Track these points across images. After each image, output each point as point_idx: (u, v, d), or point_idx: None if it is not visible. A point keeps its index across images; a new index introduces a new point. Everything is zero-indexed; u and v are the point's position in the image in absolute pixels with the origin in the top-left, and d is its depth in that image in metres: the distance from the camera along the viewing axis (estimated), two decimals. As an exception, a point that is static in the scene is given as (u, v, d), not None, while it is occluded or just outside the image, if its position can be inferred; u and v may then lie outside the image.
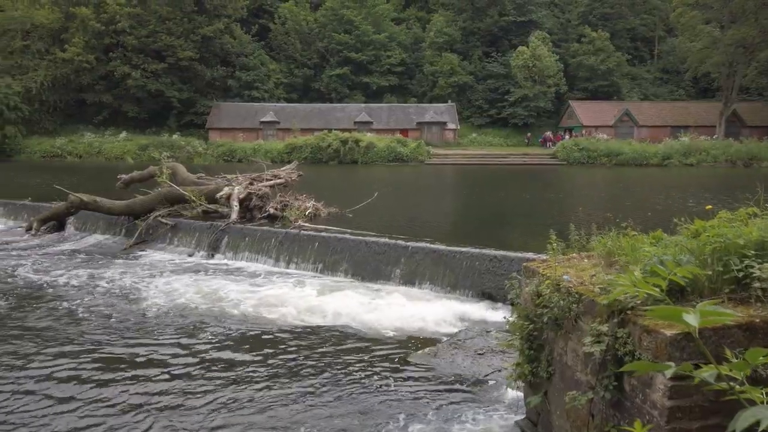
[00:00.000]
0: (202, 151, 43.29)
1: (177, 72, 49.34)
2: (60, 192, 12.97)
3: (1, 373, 5.33)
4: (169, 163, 13.81)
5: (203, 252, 10.82)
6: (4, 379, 5.21)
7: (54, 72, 47.03)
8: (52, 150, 44.34)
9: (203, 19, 50.02)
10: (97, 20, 46.72)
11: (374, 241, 9.14)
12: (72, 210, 12.64)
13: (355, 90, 54.96)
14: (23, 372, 5.37)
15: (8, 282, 8.79)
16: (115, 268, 9.77)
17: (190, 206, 12.16)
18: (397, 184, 24.89)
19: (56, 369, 5.43)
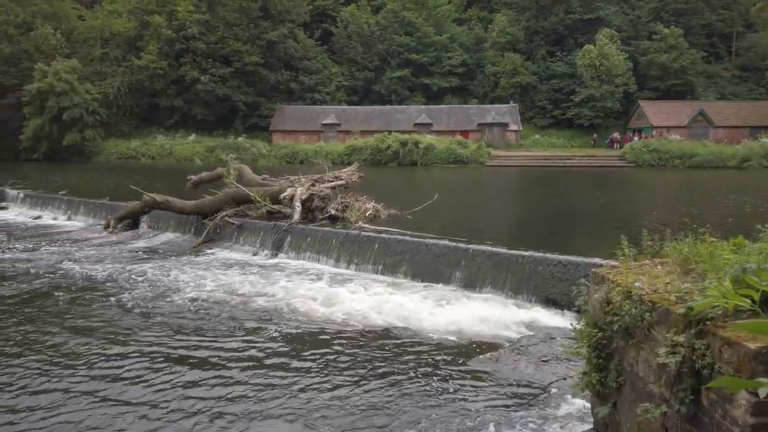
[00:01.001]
0: (266, 152, 44.50)
1: (243, 76, 50.94)
2: (135, 192, 13.65)
3: (75, 363, 5.66)
4: (236, 164, 14.25)
5: (267, 251, 11.09)
6: (75, 370, 5.53)
7: (130, 78, 49.58)
8: (127, 152, 46.78)
9: (268, 25, 51.41)
10: (169, 28, 48.91)
11: (434, 243, 9.10)
12: (146, 209, 13.27)
13: (416, 92, 54.97)
14: (88, 366, 5.68)
15: (85, 276, 9.32)
16: (184, 265, 10.18)
17: (255, 206, 12.51)
18: (456, 186, 24.69)
19: (124, 364, 5.71)
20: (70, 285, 8.77)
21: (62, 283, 8.91)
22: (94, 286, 8.73)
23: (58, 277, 9.24)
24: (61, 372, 5.39)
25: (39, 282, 8.94)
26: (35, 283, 8.85)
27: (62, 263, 10.23)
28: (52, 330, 6.64)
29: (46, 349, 6.02)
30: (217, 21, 50.08)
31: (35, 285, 8.76)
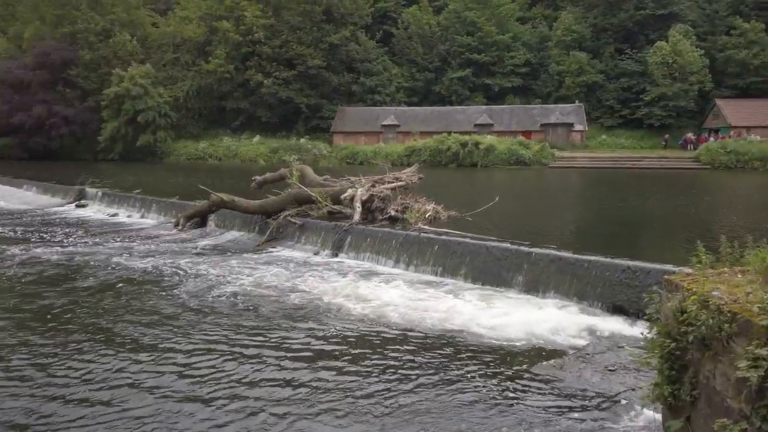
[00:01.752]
0: (327, 153, 45.23)
1: (306, 79, 51.98)
2: (203, 191, 14.17)
3: (141, 356, 5.92)
4: (298, 165, 14.55)
5: (328, 251, 11.25)
6: (141, 363, 5.79)
7: (199, 82, 51.60)
8: (195, 153, 48.73)
9: (331, 28, 52.23)
10: (236, 32, 50.55)
11: (495, 246, 8.95)
12: (213, 208, 13.76)
13: (476, 92, 54.39)
14: (154, 358, 5.93)
15: (154, 271, 9.76)
16: (247, 263, 10.48)
17: (316, 207, 12.71)
18: (518, 188, 24.23)
19: (187, 357, 5.92)
20: (140, 279, 9.21)
21: (132, 277, 9.37)
22: (161, 280, 9.12)
23: (128, 272, 9.71)
24: (128, 364, 5.65)
25: (111, 276, 9.43)
26: (107, 277, 9.34)
27: (133, 259, 10.75)
28: (121, 322, 6.99)
29: (115, 339, 6.34)
30: (282, 25, 51.33)
31: (107, 278, 9.25)
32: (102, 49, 51.59)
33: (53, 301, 7.92)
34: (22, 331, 6.65)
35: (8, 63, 51.45)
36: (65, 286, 8.83)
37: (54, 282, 9.08)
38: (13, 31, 56.59)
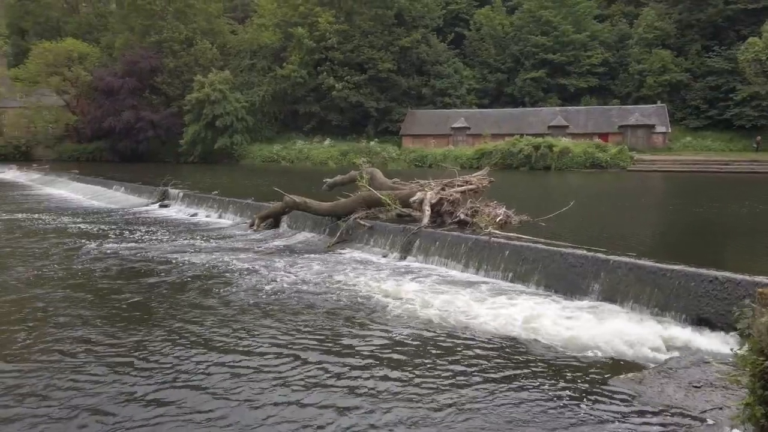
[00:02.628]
0: (396, 156, 45.45)
1: (376, 82, 52.47)
2: (277, 193, 14.57)
3: (211, 353, 6.12)
4: (368, 168, 14.67)
5: (396, 253, 11.26)
6: (211, 361, 5.98)
7: (274, 87, 53.25)
8: (269, 155, 50.33)
9: (402, 31, 52.48)
10: (310, 38, 51.81)
11: (570, 253, 8.64)
12: (286, 210, 14.13)
13: (550, 93, 52.97)
14: (223, 355, 6.11)
15: (228, 269, 10.11)
16: (317, 263, 10.66)
17: (385, 209, 12.77)
18: (595, 192, 23.35)
19: (254, 355, 6.07)
20: (212, 277, 9.57)
21: (205, 274, 9.75)
22: (232, 279, 9.44)
23: (202, 269, 10.12)
24: (194, 362, 5.84)
25: (185, 273, 9.86)
26: (182, 274, 9.78)
27: (208, 257, 11.19)
28: (190, 318, 7.28)
29: (183, 334, 6.61)
30: (354, 30, 52.10)
31: (182, 275, 9.68)
32: (185, 56, 54.30)
33: (128, 295, 8.39)
34: (96, 323, 7.08)
35: (100, 71, 55.13)
36: (141, 281, 9.33)
37: (131, 277, 9.63)
38: (105, 41, 60.63)
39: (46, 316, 7.44)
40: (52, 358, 5.92)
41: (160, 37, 54.51)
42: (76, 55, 55.76)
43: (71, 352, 6.10)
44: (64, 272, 10.04)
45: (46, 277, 9.64)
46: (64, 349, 6.16)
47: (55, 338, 6.56)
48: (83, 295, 8.52)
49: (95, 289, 8.87)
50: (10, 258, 11.40)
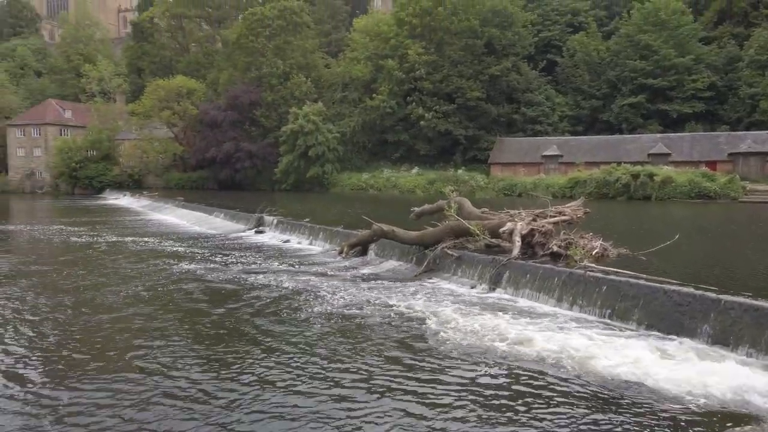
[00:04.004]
0: (484, 185, 44.88)
1: (465, 111, 52.42)
2: (365, 221, 14.77)
3: (295, 379, 6.17)
4: (456, 198, 14.55)
5: (485, 285, 10.99)
6: (295, 386, 6.02)
7: (364, 117, 54.62)
8: (358, 184, 51.42)
9: (492, 60, 52.28)
10: (400, 70, 52.86)
11: (675, 290, 8.01)
12: (374, 238, 14.26)
13: (650, 119, 50.43)
14: (310, 382, 6.13)
15: (316, 295, 10.28)
16: (404, 292, 10.61)
17: (474, 239, 12.55)
18: (702, 225, 21.72)
19: (342, 384, 6.05)
20: (302, 302, 9.78)
21: (293, 298, 10.00)
22: (320, 304, 9.59)
23: (290, 294, 10.37)
24: (276, 388, 5.93)
25: (277, 297, 10.15)
26: (274, 298, 10.07)
27: (297, 282, 11.48)
28: (274, 340, 7.45)
29: (267, 356, 6.73)
30: (443, 60, 52.56)
31: (273, 300, 9.97)
32: (282, 90, 57.15)
33: (220, 316, 8.74)
34: (187, 341, 7.38)
35: (206, 105, 59.18)
36: (232, 303, 9.73)
37: (223, 299, 10.06)
38: (211, 78, 65.18)
39: (141, 333, 7.91)
40: (147, 371, 6.24)
41: (260, 72, 57.82)
42: (185, 90, 60.33)
43: (165, 366, 6.40)
44: (161, 293, 10.69)
45: (144, 297, 10.30)
46: (158, 364, 6.48)
47: (149, 353, 6.94)
48: (178, 314, 9.01)
49: (189, 310, 9.34)
50: (112, 278, 12.31)
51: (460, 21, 51.83)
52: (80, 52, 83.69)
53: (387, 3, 76.35)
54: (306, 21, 60.45)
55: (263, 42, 58.01)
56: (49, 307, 9.62)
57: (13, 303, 9.95)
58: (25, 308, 9.57)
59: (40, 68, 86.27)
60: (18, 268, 13.77)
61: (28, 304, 9.89)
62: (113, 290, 10.88)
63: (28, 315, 9.11)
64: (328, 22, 67.41)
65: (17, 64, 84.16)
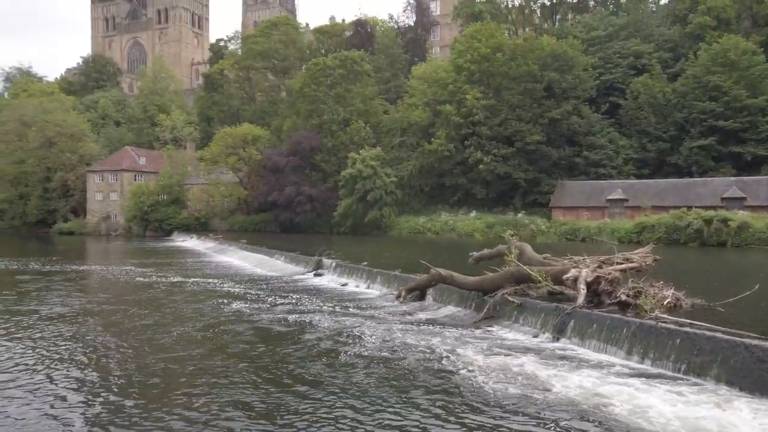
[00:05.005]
0: (545, 229, 43.83)
1: (524, 155, 51.90)
2: (423, 265, 14.62)
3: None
4: (517, 243, 14.23)
5: (548, 334, 10.56)
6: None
7: (422, 161, 55.03)
8: (416, 227, 51.38)
9: (551, 103, 51.86)
10: (457, 115, 53.25)
11: (758, 345, 7.41)
12: (432, 282, 14.07)
13: (722, 162, 48.21)
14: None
15: (373, 340, 10.13)
16: (463, 340, 10.31)
17: (535, 286, 12.16)
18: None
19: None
20: (358, 346, 9.66)
21: (352, 343, 9.89)
22: (377, 351, 9.43)
23: (349, 339, 10.28)
24: None
25: (333, 341, 10.11)
26: (329, 342, 10.04)
27: (356, 326, 11.39)
28: (334, 385, 7.33)
29: (324, 403, 6.59)
30: (502, 105, 52.60)
31: (328, 344, 9.93)
32: (341, 136, 58.66)
33: (276, 357, 8.76)
34: (237, 383, 7.37)
35: (269, 151, 61.41)
36: (288, 345, 9.80)
37: (278, 340, 10.17)
38: (275, 125, 67.82)
39: (194, 375, 7.99)
40: (205, 410, 6.25)
41: (321, 119, 59.69)
42: (250, 137, 62.94)
43: (213, 410, 6.40)
44: (216, 333, 10.91)
45: (197, 338, 10.52)
46: (216, 402, 6.49)
47: (206, 392, 6.98)
48: (231, 356, 9.11)
49: (241, 351, 9.43)
50: (170, 318, 12.66)
51: (518, 66, 51.98)
52: (156, 102, 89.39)
53: (445, 51, 77.80)
54: (366, 69, 62.30)
55: (325, 90, 60.07)
56: (109, 346, 9.99)
57: (78, 341, 10.42)
58: (88, 346, 9.98)
59: (119, 118, 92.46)
60: (87, 307, 14.43)
61: (92, 342, 10.31)
62: (170, 330, 11.18)
63: (91, 353, 9.48)
64: (387, 69, 69.19)
65: (99, 114, 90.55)
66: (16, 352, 9.57)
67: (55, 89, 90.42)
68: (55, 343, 10.17)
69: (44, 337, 10.74)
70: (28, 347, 9.87)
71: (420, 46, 75.79)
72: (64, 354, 9.40)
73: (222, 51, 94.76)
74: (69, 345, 10.06)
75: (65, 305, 14.58)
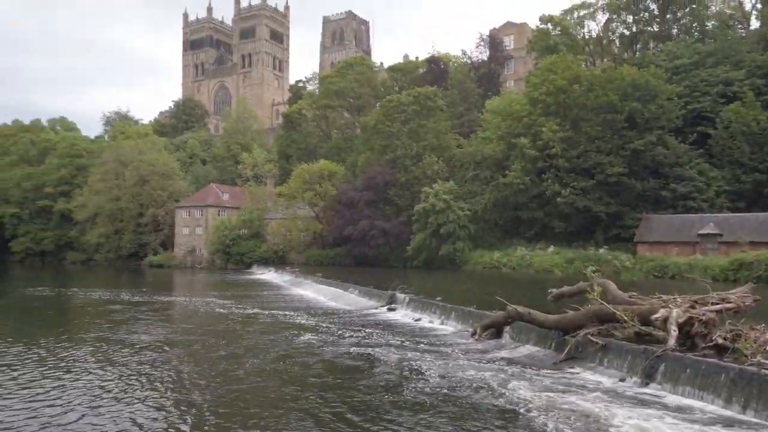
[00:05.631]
0: (630, 265, 41.64)
1: (605, 187, 49.94)
2: (499, 302, 14.15)
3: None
4: (600, 280, 13.51)
5: (636, 378, 9.84)
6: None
7: (496, 195, 54.18)
8: (491, 262, 50.28)
9: (634, 134, 49.89)
10: (533, 147, 52.27)
11: None
12: (509, 320, 13.56)
13: (828, 194, 44.25)
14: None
15: (445, 379, 9.80)
16: (545, 382, 9.79)
17: (620, 326, 11.43)
18: None
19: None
20: (433, 386, 9.36)
21: (427, 382, 9.60)
22: (452, 390, 9.10)
23: (423, 377, 10.00)
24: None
25: (405, 379, 9.86)
26: (402, 380, 9.80)
27: (431, 364, 11.09)
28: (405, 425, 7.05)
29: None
30: (580, 136, 51.18)
31: (401, 381, 9.69)
32: (414, 170, 59.01)
33: (347, 392, 8.61)
34: (305, 416, 7.27)
35: (344, 186, 62.71)
36: (359, 379, 9.70)
37: (347, 374, 10.10)
38: (350, 160, 69.37)
39: (268, 405, 8.00)
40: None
41: (395, 154, 60.43)
42: (326, 173, 64.68)
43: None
44: (287, 365, 11.02)
45: (269, 370, 10.64)
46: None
47: (273, 425, 6.95)
48: (301, 388, 9.15)
49: (311, 384, 9.44)
50: (245, 349, 12.91)
51: (597, 97, 50.59)
52: (239, 141, 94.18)
53: (519, 84, 77.18)
54: (439, 105, 62.78)
55: (398, 126, 60.96)
56: (187, 376, 10.32)
57: (159, 370, 10.86)
58: (167, 376, 10.36)
59: (205, 157, 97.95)
60: (169, 337, 15.03)
61: (171, 372, 10.71)
62: (244, 362, 11.43)
63: (169, 383, 9.82)
64: (460, 104, 69.38)
65: (187, 153, 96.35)
66: (103, 378, 10.05)
67: (149, 131, 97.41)
68: (137, 371, 10.61)
69: (128, 364, 11.24)
70: (113, 374, 10.36)
71: (493, 80, 75.65)
72: (145, 382, 9.76)
73: (300, 91, 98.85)
74: (150, 374, 10.46)
75: (150, 334, 15.25)
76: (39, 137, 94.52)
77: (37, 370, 10.72)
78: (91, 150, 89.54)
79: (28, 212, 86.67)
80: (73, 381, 9.82)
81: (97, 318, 19.34)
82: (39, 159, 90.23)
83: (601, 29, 68.48)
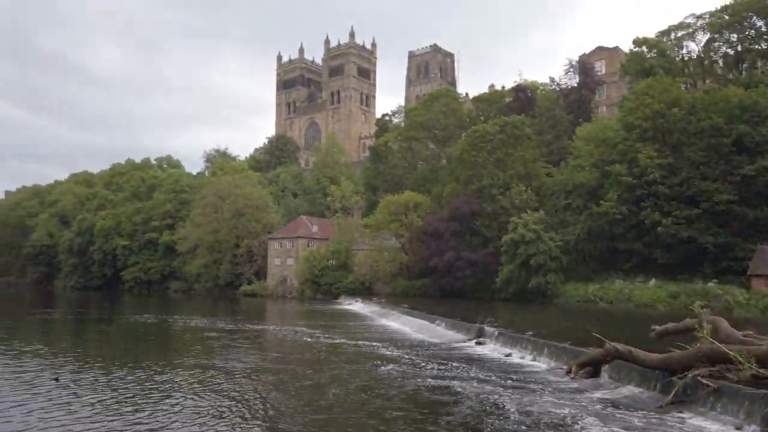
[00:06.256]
0: (743, 301, 38.07)
1: (711, 216, 46.36)
2: (595, 338, 13.28)
3: None
4: (710, 317, 12.35)
5: (755, 426, 8.80)
6: None
7: (590, 224, 51.78)
8: (585, 295, 47.81)
9: (743, 159, 46.23)
10: (629, 175, 49.71)
11: None
12: (607, 358, 12.63)
13: None
14: None
15: (540, 421, 9.20)
16: (649, 427, 8.98)
17: (735, 368, 10.33)
18: None
19: None
20: (523, 425, 8.82)
21: (514, 421, 9.08)
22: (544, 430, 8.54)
23: (518, 417, 9.46)
24: None
25: (494, 417, 9.36)
26: (493, 419, 9.31)
27: (524, 404, 10.52)
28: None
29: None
30: (681, 162, 48.14)
31: (493, 421, 9.19)
32: (501, 200, 57.84)
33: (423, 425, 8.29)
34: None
35: (430, 217, 62.57)
36: (444, 416, 9.32)
37: (433, 409, 9.79)
38: (435, 191, 69.27)
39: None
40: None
41: (481, 184, 59.63)
42: (412, 204, 64.94)
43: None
44: (370, 396, 10.88)
45: (356, 400, 10.53)
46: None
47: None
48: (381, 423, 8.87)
49: (393, 419, 9.21)
50: (331, 379, 12.94)
51: (699, 120, 47.54)
52: (327, 175, 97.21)
53: (612, 110, 74.18)
54: (527, 133, 61.57)
55: (485, 156, 60.28)
56: (273, 405, 10.55)
57: (248, 398, 11.13)
58: (255, 404, 10.65)
59: (296, 190, 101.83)
60: (259, 365, 15.44)
61: (258, 400, 10.98)
62: (328, 392, 11.46)
63: (257, 411, 10.07)
64: (548, 132, 67.64)
65: (280, 187, 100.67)
66: (197, 404, 10.40)
67: (245, 167, 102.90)
68: (229, 397, 10.93)
69: (220, 391, 11.59)
70: (207, 400, 10.71)
71: (584, 107, 73.31)
72: (235, 411, 9.99)
73: (387, 125, 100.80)
74: (240, 401, 10.74)
75: (241, 361, 15.72)
76: (148, 174, 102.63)
77: (137, 392, 11.30)
78: (193, 185, 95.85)
79: (137, 244, 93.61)
80: (172, 405, 10.24)
81: (194, 345, 20.25)
82: (147, 194, 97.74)
83: (701, 50, 64.60)
